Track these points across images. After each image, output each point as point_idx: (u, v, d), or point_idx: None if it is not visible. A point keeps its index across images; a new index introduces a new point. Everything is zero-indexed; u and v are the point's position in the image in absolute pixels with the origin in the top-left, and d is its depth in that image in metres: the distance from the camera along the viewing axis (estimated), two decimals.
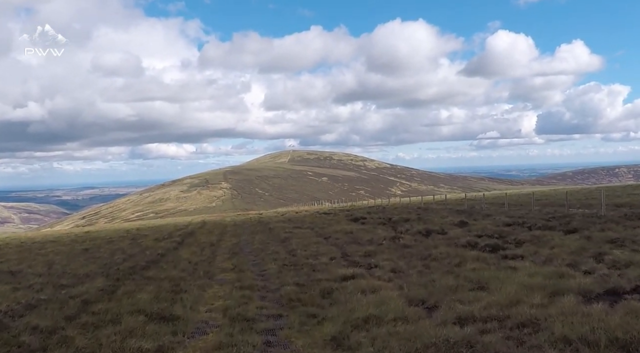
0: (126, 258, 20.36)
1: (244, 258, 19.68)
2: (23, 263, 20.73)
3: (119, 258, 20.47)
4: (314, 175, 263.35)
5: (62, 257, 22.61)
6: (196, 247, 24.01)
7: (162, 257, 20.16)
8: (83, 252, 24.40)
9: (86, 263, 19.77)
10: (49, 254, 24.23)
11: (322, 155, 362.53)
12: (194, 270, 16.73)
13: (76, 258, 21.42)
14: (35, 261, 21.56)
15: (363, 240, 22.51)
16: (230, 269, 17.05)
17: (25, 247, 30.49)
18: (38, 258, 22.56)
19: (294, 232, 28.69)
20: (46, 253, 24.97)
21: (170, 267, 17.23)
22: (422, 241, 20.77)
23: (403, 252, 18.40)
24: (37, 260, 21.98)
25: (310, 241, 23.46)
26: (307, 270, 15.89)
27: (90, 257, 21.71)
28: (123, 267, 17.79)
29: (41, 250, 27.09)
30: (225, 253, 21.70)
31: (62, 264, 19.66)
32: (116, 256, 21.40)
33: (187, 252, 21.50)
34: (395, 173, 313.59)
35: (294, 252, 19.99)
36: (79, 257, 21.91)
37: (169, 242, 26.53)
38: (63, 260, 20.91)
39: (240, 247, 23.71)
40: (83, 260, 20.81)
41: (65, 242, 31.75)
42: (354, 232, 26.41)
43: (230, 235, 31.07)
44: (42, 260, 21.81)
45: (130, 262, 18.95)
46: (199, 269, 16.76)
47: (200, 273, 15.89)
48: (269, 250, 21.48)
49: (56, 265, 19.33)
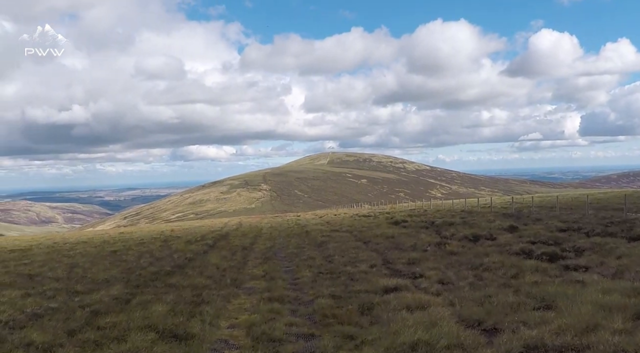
0: (152, 262, 19.11)
1: (276, 264, 18.26)
2: (46, 266, 19.61)
3: (144, 262, 19.23)
4: (353, 177, 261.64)
5: (88, 259, 21.46)
6: (227, 250, 22.67)
7: (190, 262, 18.84)
8: (111, 254, 23.25)
9: (110, 266, 18.57)
10: (75, 256, 23.13)
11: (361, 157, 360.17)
12: (221, 277, 15.35)
13: (101, 262, 20.23)
14: (59, 263, 20.45)
15: (405, 246, 20.94)
16: (260, 276, 15.64)
17: (56, 247, 29.51)
18: (63, 260, 21.45)
19: (332, 236, 27.22)
20: (73, 255, 23.88)
21: (195, 273, 15.88)
22: (470, 247, 19.11)
23: (450, 259, 16.80)
24: (61, 262, 20.86)
25: (348, 246, 21.96)
26: (344, 279, 14.40)
27: (116, 260, 20.51)
28: (146, 272, 16.52)
29: (70, 251, 26.04)
30: (257, 258, 20.32)
31: (85, 267, 18.47)
32: (142, 259, 20.17)
33: (217, 257, 20.15)
34: (436, 175, 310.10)
35: (331, 258, 18.53)
36: (104, 260, 20.72)
37: (201, 244, 25.26)
38: (87, 263, 19.73)
39: (274, 252, 22.33)
40: (108, 263, 19.61)
41: (96, 244, 30.75)
42: (395, 236, 24.83)
43: (264, 238, 29.70)
44: (66, 262, 20.68)
45: (155, 267, 17.67)
46: (227, 276, 15.38)
47: (227, 281, 14.49)
48: (304, 255, 20.04)
49: (78, 269, 18.15)
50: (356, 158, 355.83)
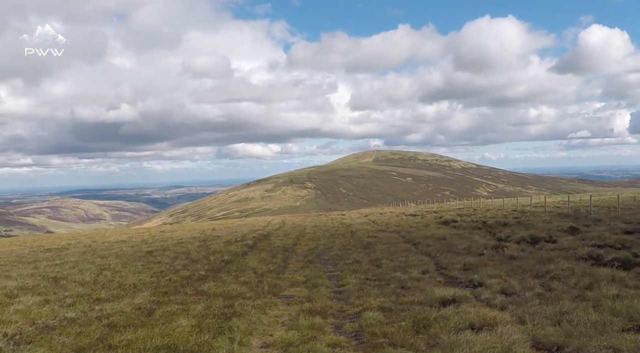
0: (186, 265, 17.87)
1: (319, 268, 16.85)
2: (76, 268, 18.52)
3: (178, 265, 18.01)
4: (398, 176, 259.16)
5: (121, 260, 20.34)
6: (267, 252, 21.33)
7: (226, 265, 17.54)
8: (146, 255, 22.13)
9: (141, 269, 17.39)
10: (109, 257, 22.05)
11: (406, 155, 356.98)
12: (258, 282, 14.01)
13: (134, 263, 19.07)
14: (91, 265, 19.36)
15: (459, 249, 19.37)
16: (301, 282, 14.26)
17: (93, 247, 28.58)
18: (95, 262, 20.36)
19: (379, 237, 25.73)
20: (107, 255, 22.83)
21: (230, 279, 14.56)
22: (530, 251, 17.45)
23: (511, 265, 15.20)
24: (93, 263, 19.77)
25: (397, 248, 20.47)
26: (394, 287, 12.95)
27: (150, 262, 19.34)
28: (178, 276, 15.27)
29: (106, 251, 25.03)
30: (298, 260, 18.95)
31: (115, 270, 17.30)
32: (177, 262, 18.96)
33: (256, 259, 18.82)
34: (481, 173, 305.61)
35: (379, 262, 17.07)
36: (137, 262, 19.56)
37: (240, 245, 23.98)
38: (118, 265, 18.58)
39: (317, 254, 20.94)
40: (140, 265, 18.43)
41: (134, 243, 29.75)
42: (446, 237, 23.24)
43: (307, 238, 28.33)
44: (98, 264, 19.57)
45: (189, 270, 16.42)
46: (264, 282, 14.02)
47: (265, 288, 13.14)
48: (349, 258, 18.61)
49: (107, 271, 16.98)
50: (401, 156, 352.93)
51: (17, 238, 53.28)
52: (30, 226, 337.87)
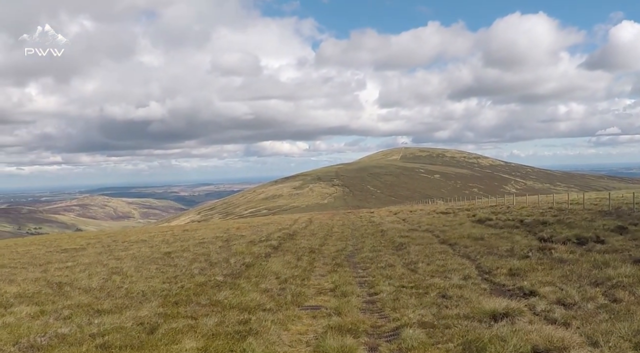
0: (203, 269, 16.44)
1: (348, 272, 15.31)
2: (86, 271, 17.22)
3: (195, 268, 16.58)
4: (426, 173, 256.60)
5: (135, 263, 18.99)
6: (292, 254, 19.81)
7: (247, 269, 16.06)
8: (163, 256, 20.79)
9: (155, 273, 16.02)
10: (124, 258, 20.76)
11: (434, 153, 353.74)
12: (281, 290, 12.52)
13: (148, 266, 17.71)
14: (103, 267, 18.07)
15: (501, 250, 17.74)
16: (329, 290, 12.73)
17: (111, 247, 27.37)
18: (109, 264, 19.05)
19: (411, 236, 24.14)
20: (124, 256, 21.54)
21: (250, 286, 13.08)
22: (581, 254, 15.78)
23: (563, 270, 13.57)
24: (106, 266, 18.45)
25: (432, 250, 18.87)
26: (434, 296, 11.41)
27: (165, 265, 17.96)
28: (193, 282, 13.83)
29: (123, 251, 23.77)
30: (326, 264, 17.41)
31: (126, 274, 15.92)
32: (195, 265, 17.54)
33: (279, 262, 17.31)
34: (510, 170, 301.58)
35: (414, 266, 15.51)
36: (152, 265, 18.19)
37: (264, 246, 22.51)
38: (131, 269, 17.20)
39: (346, 255, 19.39)
40: (154, 269, 17.05)
41: (154, 243, 28.48)
42: (484, 237, 21.60)
43: (335, 238, 26.78)
44: (111, 266, 18.24)
45: (205, 276, 14.97)
46: (287, 290, 12.52)
47: (287, 297, 11.63)
48: (381, 260, 17.05)
49: (117, 276, 15.62)
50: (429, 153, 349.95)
51: (39, 237, 52.46)
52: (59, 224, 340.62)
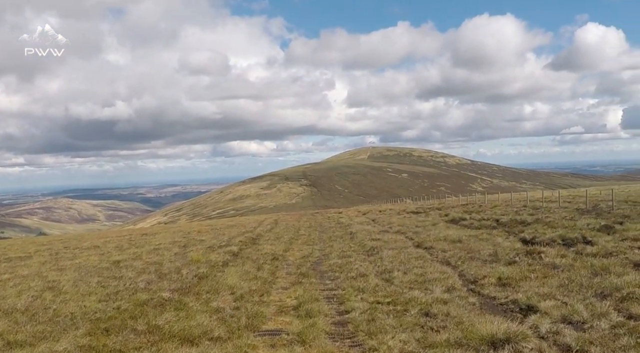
0: (150, 282, 14.43)
1: (315, 284, 13.45)
2: (19, 286, 15.09)
3: (142, 281, 14.57)
4: (393, 172, 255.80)
5: (77, 274, 16.87)
6: (253, 262, 17.84)
7: (200, 282, 14.09)
8: (111, 266, 18.71)
9: (95, 288, 14.00)
10: (67, 269, 18.61)
11: (401, 152, 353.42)
12: (235, 310, 10.61)
13: (90, 279, 15.63)
14: (40, 281, 15.91)
15: (483, 255, 16.06)
16: (291, 308, 10.86)
17: (59, 255, 25.16)
18: (48, 276, 16.88)
19: (383, 239, 22.39)
20: (68, 267, 19.41)
21: (199, 304, 11.14)
22: (574, 258, 14.14)
23: (559, 278, 11.91)
24: (44, 279, 16.28)
25: (408, 255, 17.10)
26: (416, 314, 9.65)
27: (110, 277, 15.90)
28: (133, 301, 11.84)
29: (69, 261, 21.65)
30: (290, 273, 15.54)
31: (61, 290, 13.85)
32: (142, 277, 15.51)
33: (237, 272, 15.33)
34: (476, 169, 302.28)
35: (389, 275, 13.72)
36: (95, 277, 16.10)
37: (223, 252, 20.51)
38: (69, 282, 15.11)
39: (313, 263, 17.52)
40: (95, 282, 14.98)
41: (107, 249, 26.35)
42: (462, 240, 19.93)
43: (301, 242, 24.90)
44: (49, 279, 16.07)
45: (149, 292, 12.96)
46: (242, 309, 10.60)
47: (242, 320, 9.73)
48: (351, 269, 15.20)
49: (50, 292, 13.56)
50: (396, 152, 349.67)
51: None
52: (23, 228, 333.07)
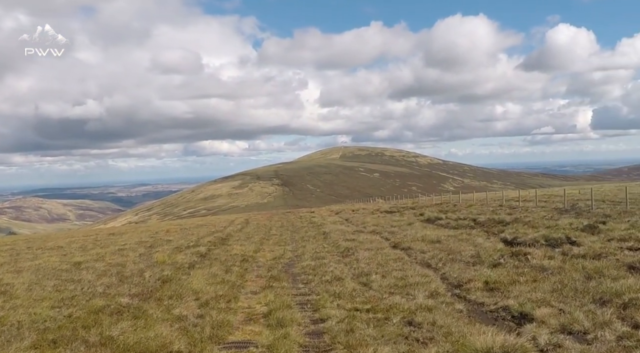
0: (110, 286, 13.38)
1: (287, 288, 12.48)
2: None
3: (101, 285, 13.52)
4: (365, 171, 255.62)
5: (34, 277, 15.66)
6: (221, 264, 16.80)
7: (163, 286, 13.06)
8: (71, 268, 17.59)
9: (50, 293, 12.88)
10: (25, 271, 17.41)
11: (373, 151, 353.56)
12: (199, 318, 9.63)
13: (46, 282, 14.50)
14: None
15: (465, 256, 15.23)
16: (261, 316, 9.90)
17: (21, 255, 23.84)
18: (4, 278, 15.45)
19: (358, 239, 21.51)
20: (26, 268, 18.19)
21: (160, 312, 10.12)
22: (563, 260, 13.35)
23: (550, 282, 11.09)
24: None
25: (385, 256, 16.21)
26: (399, 323, 8.77)
27: (68, 280, 14.80)
28: (88, 307, 10.78)
29: (29, 261, 20.40)
30: (260, 276, 14.56)
31: (13, 295, 12.70)
32: (102, 280, 14.45)
33: (204, 275, 14.30)
34: (448, 169, 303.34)
35: (367, 279, 12.79)
36: (52, 280, 14.97)
37: (190, 253, 19.47)
38: (24, 286, 13.95)
39: (285, 265, 16.56)
40: (52, 286, 13.87)
41: (70, 250, 25.13)
42: (441, 240, 19.12)
43: (273, 242, 23.92)
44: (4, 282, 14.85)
45: (108, 297, 11.90)
46: (207, 317, 9.62)
47: (206, 330, 8.74)
48: (326, 271, 14.27)
49: (1, 297, 12.47)
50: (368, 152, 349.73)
51: None
52: None
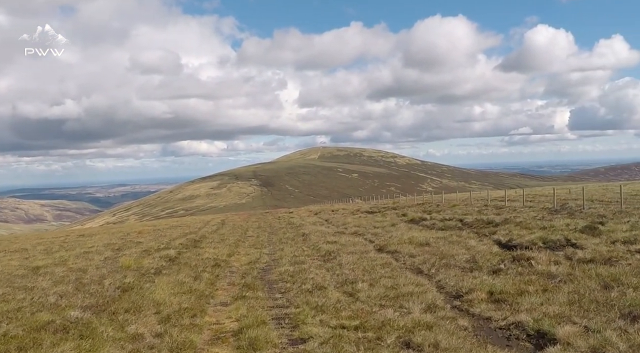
0: (64, 296, 11.76)
1: (261, 299, 10.92)
2: None
3: (54, 294, 11.92)
4: (344, 172, 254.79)
5: None
6: (191, 269, 15.13)
7: (122, 296, 11.48)
8: (28, 273, 16.00)
9: None
10: None
11: (352, 152, 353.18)
12: (157, 338, 8.09)
13: None
14: None
15: (459, 261, 13.84)
16: (230, 334, 8.38)
17: None
18: None
19: (339, 242, 20.02)
20: None
21: (112, 329, 8.53)
22: (572, 266, 11.96)
23: (563, 292, 9.67)
24: None
25: (371, 261, 14.72)
26: (395, 345, 7.34)
27: (20, 288, 13.21)
28: (31, 323, 9.22)
29: None
30: (232, 284, 13.01)
31: None
32: (58, 288, 12.86)
33: (170, 283, 12.69)
34: (426, 169, 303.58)
35: (352, 287, 11.28)
36: (3, 288, 13.40)
37: (159, 257, 17.81)
38: None
39: (260, 270, 14.99)
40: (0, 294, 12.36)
41: (34, 252, 23.55)
42: (430, 243, 17.71)
43: (249, 245, 22.37)
44: None
45: (57, 309, 10.29)
46: (166, 337, 8.08)
47: None
48: (306, 278, 12.73)
49: None
50: (347, 152, 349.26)
51: None
52: None
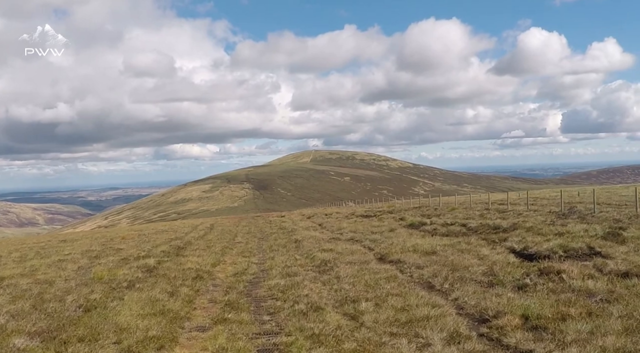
0: (14, 316, 9.86)
1: (246, 323, 9.04)
2: None
3: (4, 315, 10.15)
4: (336, 175, 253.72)
5: None
6: (169, 282, 13.18)
7: (82, 317, 9.60)
8: None
9: None
10: None
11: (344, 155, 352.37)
12: None
13: None
14: None
15: (474, 273, 12.09)
16: None
17: None
18: None
19: (336, 249, 18.20)
20: None
21: None
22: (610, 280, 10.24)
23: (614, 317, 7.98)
24: None
25: (373, 274, 12.87)
26: None
27: None
28: None
29: None
30: (214, 301, 11.17)
31: None
32: (13, 306, 10.98)
33: (140, 301, 10.75)
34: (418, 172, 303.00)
35: (355, 307, 9.49)
36: None
37: (136, 267, 15.95)
38: None
39: (247, 284, 13.16)
40: None
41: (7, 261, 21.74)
42: (437, 251, 15.94)
43: (236, 252, 20.51)
44: None
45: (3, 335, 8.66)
46: None
47: None
48: (300, 295, 10.85)
49: None
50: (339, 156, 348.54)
51: None
52: None
